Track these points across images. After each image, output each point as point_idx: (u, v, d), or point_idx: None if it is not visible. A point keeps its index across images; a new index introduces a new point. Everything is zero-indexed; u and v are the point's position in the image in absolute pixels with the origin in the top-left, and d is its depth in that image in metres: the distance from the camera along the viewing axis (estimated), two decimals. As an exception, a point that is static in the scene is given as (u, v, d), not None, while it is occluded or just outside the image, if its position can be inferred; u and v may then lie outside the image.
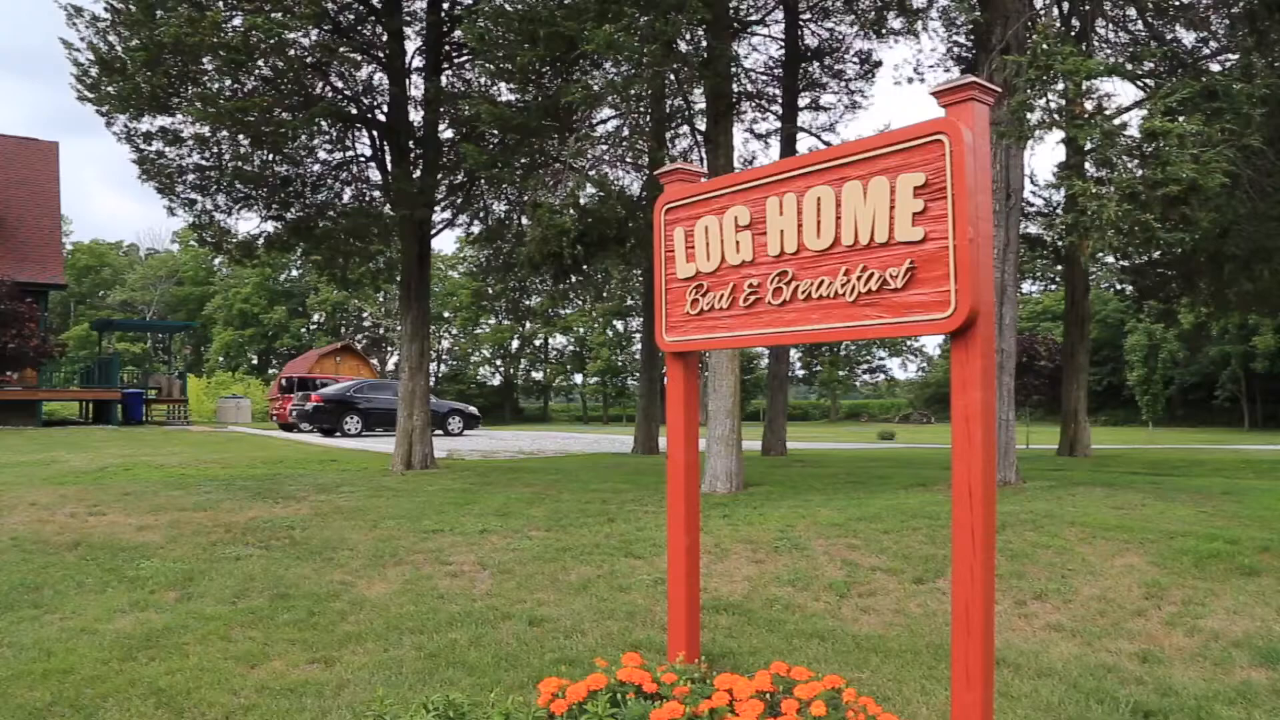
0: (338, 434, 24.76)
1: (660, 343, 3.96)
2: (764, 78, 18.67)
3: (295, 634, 4.92)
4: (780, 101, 17.98)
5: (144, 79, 11.17)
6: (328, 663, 4.48)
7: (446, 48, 12.90)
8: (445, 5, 12.53)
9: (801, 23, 17.72)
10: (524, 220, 12.00)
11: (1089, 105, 8.09)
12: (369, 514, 8.86)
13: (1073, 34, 10.93)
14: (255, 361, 71.22)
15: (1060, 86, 7.79)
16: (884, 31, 9.10)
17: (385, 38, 12.63)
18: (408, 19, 12.73)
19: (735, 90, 13.67)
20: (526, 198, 8.88)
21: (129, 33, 11.28)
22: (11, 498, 10.32)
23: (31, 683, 4.21)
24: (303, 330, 70.23)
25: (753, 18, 16.59)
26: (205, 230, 12.88)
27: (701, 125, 16.91)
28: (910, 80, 17.93)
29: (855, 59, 19.01)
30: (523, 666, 4.37)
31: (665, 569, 6.13)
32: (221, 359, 68.19)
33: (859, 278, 3.20)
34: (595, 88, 8.43)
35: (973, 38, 13.84)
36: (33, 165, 31.74)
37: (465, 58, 13.18)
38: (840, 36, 18.61)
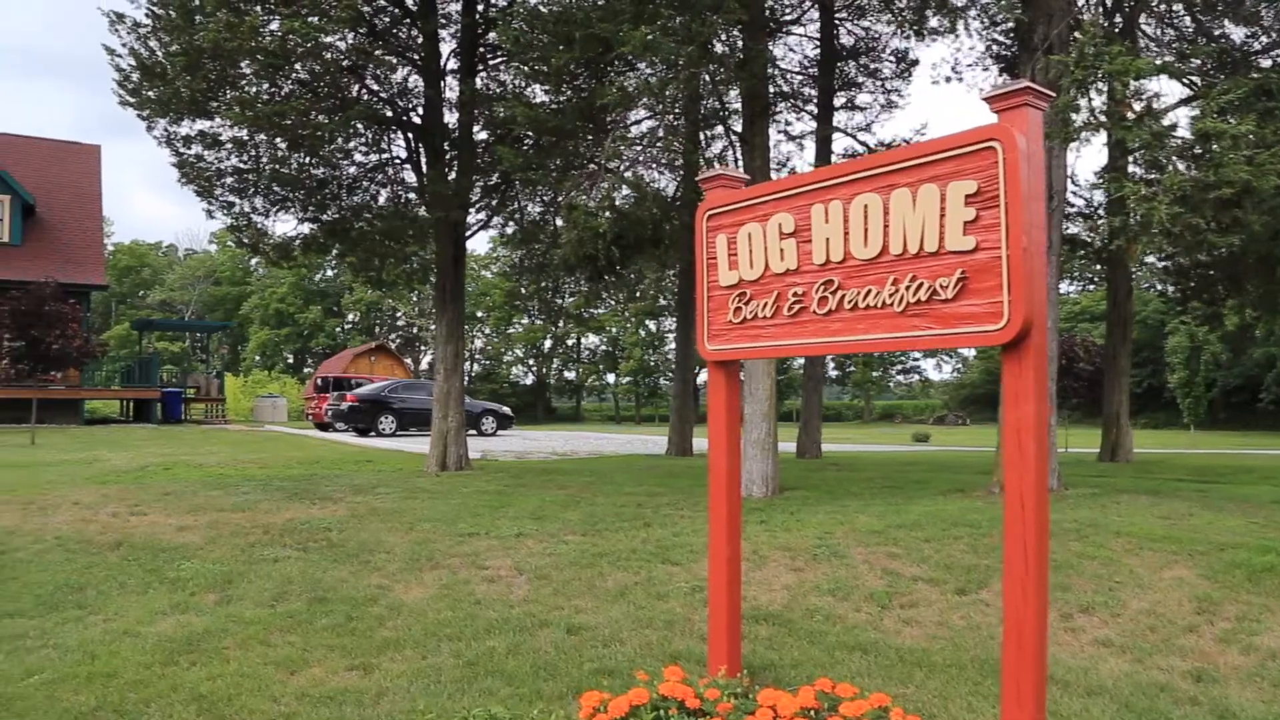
0: (372, 433, 24.93)
1: (702, 351, 3.91)
2: (799, 78, 18.55)
3: (334, 639, 4.92)
4: (815, 101, 17.85)
5: (184, 84, 11.29)
6: (366, 670, 4.47)
7: (481, 50, 12.91)
8: (480, 7, 12.54)
9: (837, 21, 17.58)
10: (559, 221, 11.98)
11: (1136, 105, 7.93)
12: (405, 516, 8.88)
13: (1117, 31, 10.73)
14: (291, 360, 71.99)
15: (1106, 87, 7.64)
16: (924, 31, 8.98)
17: (420, 40, 12.67)
18: (443, 21, 12.76)
19: (771, 91, 13.57)
20: (562, 199, 8.84)
21: (169, 38, 11.40)
22: (56, 497, 10.47)
23: (77, 686, 4.24)
24: (337, 330, 70.88)
25: (788, 17, 16.47)
26: (243, 232, 12.99)
27: (736, 125, 16.85)
28: (948, 79, 17.64)
29: (891, 58, 18.85)
30: (561, 676, 4.33)
31: (703, 576, 6.09)
32: (258, 358, 68.99)
33: (908, 287, 3.13)
34: (631, 89, 8.39)
35: (1013, 36, 13.66)
36: (75, 168, 32.26)
37: (500, 59, 13.20)
38: (876, 35, 18.46)
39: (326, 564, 6.85)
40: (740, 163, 10.47)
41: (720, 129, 15.52)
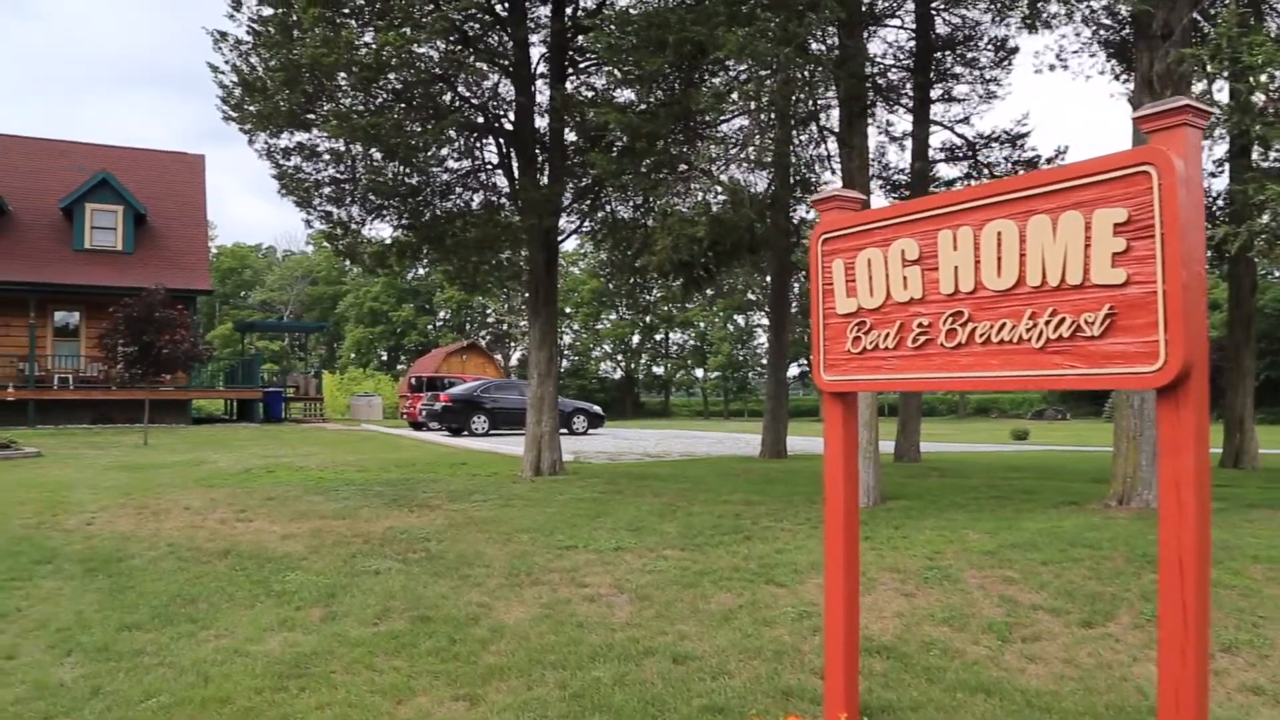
0: (465, 433, 25.27)
1: (819, 381, 3.73)
2: (893, 71, 18.05)
3: (438, 664, 4.89)
4: (911, 95, 17.34)
5: (282, 98, 11.52)
6: (472, 701, 4.42)
7: (570, 53, 12.87)
8: (569, 11, 12.49)
9: (934, 11, 17.04)
10: (649, 223, 11.86)
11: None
12: (502, 525, 8.88)
13: (1248, 16, 10.08)
14: (385, 357, 73.73)
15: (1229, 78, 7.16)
16: (1036, 24, 8.56)
17: (511, 46, 12.69)
18: (532, 26, 12.77)
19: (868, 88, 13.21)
20: (655, 205, 8.72)
21: (269, 53, 11.65)
22: (168, 501, 10.81)
23: (192, 712, 4.29)
24: (429, 327, 72.32)
25: (884, 8, 16.03)
26: (339, 240, 13.22)
27: (824, 119, 16.48)
28: (1052, 68, 16.90)
29: (990, 46, 18.20)
30: (670, 712, 4.21)
31: (810, 600, 5.91)
32: (353, 355, 70.85)
33: (1047, 322, 2.91)
34: (725, 92, 8.20)
35: (1125, 21, 13.01)
36: (181, 177, 33.51)
37: (589, 62, 13.14)
38: (975, 23, 17.85)
39: (427, 578, 6.86)
40: (837, 164, 10.17)
41: (813, 126, 15.24)
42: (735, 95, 8.55)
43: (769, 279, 20.14)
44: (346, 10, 11.43)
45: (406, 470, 14.53)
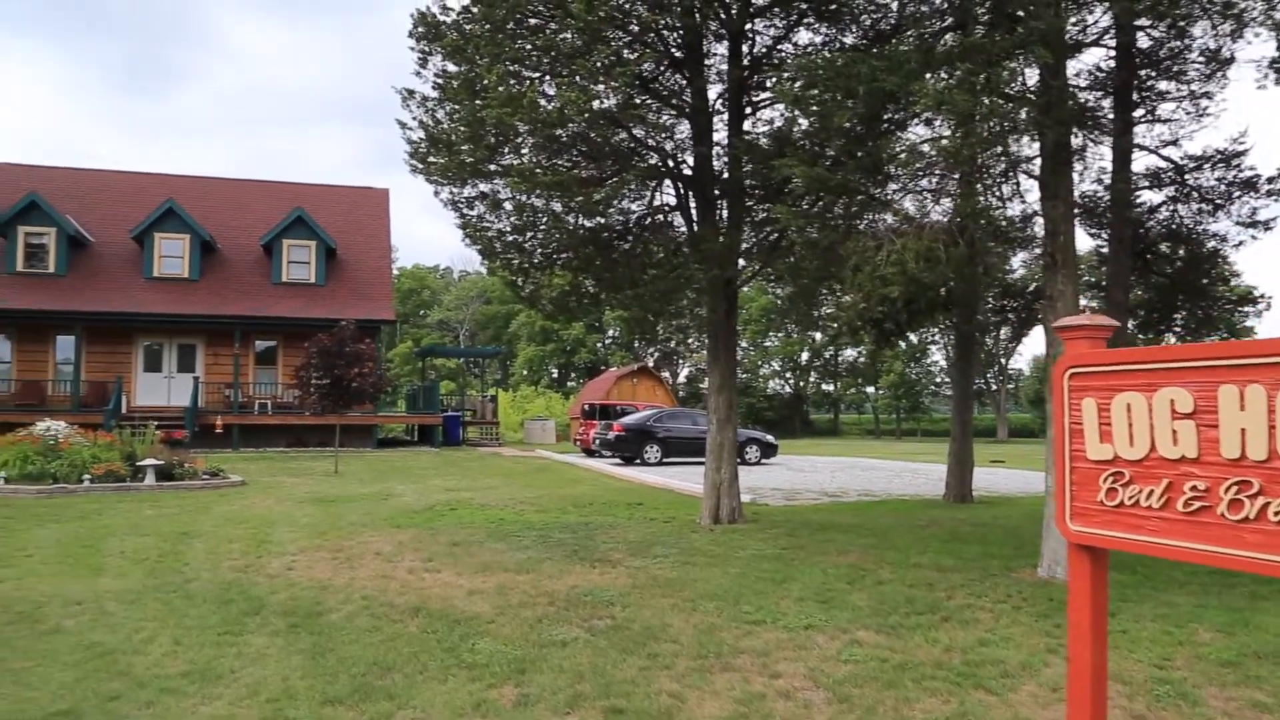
0: (637, 461, 25.43)
1: (1063, 530, 3.37)
2: (1087, 92, 16.91)
3: (636, 777, 4.76)
4: (1109, 119, 16.20)
5: (466, 151, 11.86)
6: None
7: (750, 97, 12.69)
8: (745, 60, 12.31)
9: (1137, 26, 15.86)
10: (834, 269, 11.49)
11: None
12: (685, 590, 8.75)
13: None
14: (555, 374, 75.53)
15: None
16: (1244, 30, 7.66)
17: (687, 90, 12.62)
18: (708, 69, 12.66)
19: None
20: (850, 260, 8.39)
21: (455, 108, 12.02)
22: (359, 544, 11.28)
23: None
24: (598, 345, 73.57)
25: (1081, 36, 15.04)
26: (521, 288, 13.48)
27: (1026, 166, 15.52)
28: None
29: (1200, 58, 16.79)
30: None
31: (1025, 717, 5.45)
32: (525, 372, 72.94)
33: (1368, 509, 2.49)
34: (924, 149, 7.80)
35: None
36: (367, 211, 35.40)
37: (768, 100, 12.91)
38: (1182, 34, 16.50)
39: (615, 654, 6.78)
40: (1040, 212, 9.55)
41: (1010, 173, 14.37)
42: (929, 148, 8.13)
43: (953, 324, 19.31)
44: (528, 62, 11.66)
45: (584, 511, 14.66)
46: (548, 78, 11.98)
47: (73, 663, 6.31)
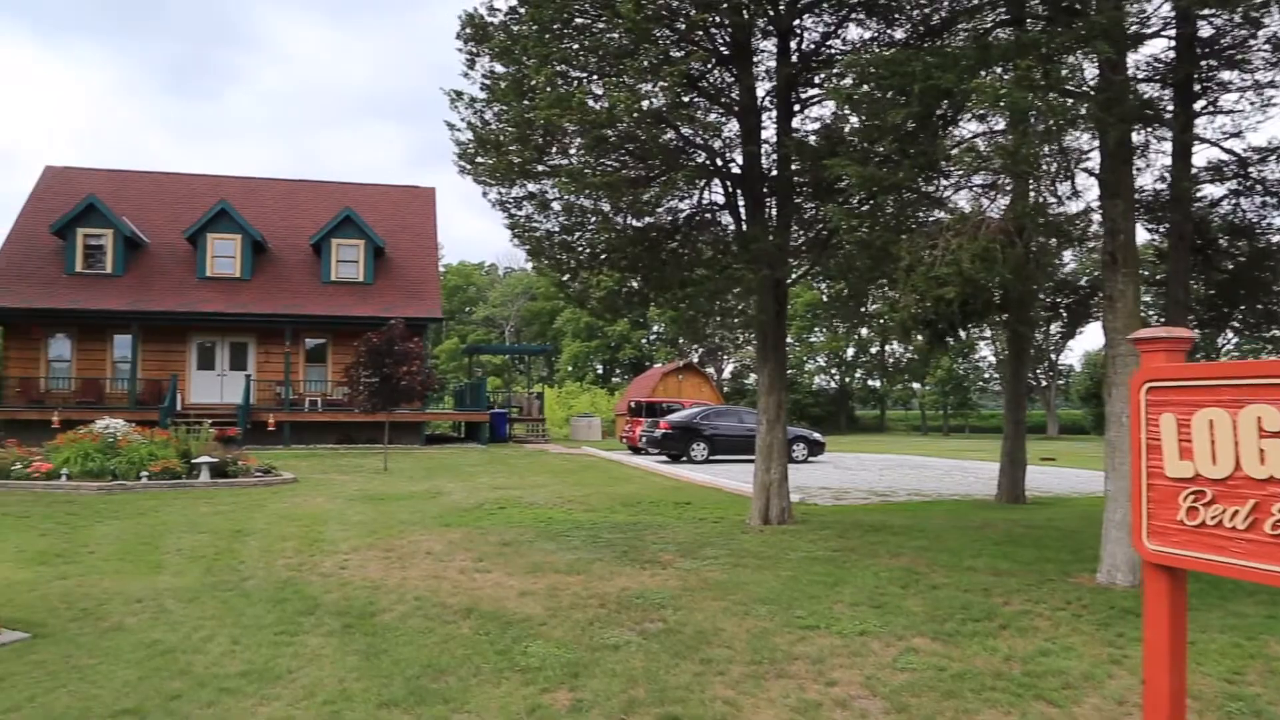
0: (684, 459, 25.38)
1: (1139, 548, 3.28)
2: (1146, 84, 16.50)
3: (693, 788, 4.72)
4: (1172, 110, 15.79)
5: (514, 152, 11.88)
6: (735, 845, 4.21)
7: (799, 94, 12.56)
8: (795, 55, 12.18)
9: (1197, 15, 15.44)
10: (886, 269, 11.32)
11: None
12: (736, 593, 8.69)
13: None
14: (600, 371, 75.67)
15: None
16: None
17: (735, 87, 12.52)
18: (756, 66, 12.55)
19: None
20: (903, 259, 8.26)
21: (503, 108, 12.04)
22: (410, 543, 11.36)
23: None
24: (643, 341, 73.59)
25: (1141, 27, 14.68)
26: (569, 287, 13.49)
27: (1085, 161, 15.18)
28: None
29: (1266, 45, 16.30)
30: None
31: (1093, 730, 5.33)
32: (570, 368, 73.18)
33: None
34: (980, 148, 7.65)
35: None
36: (414, 210, 35.71)
37: (817, 97, 12.77)
38: (1247, 20, 16.02)
39: (667, 658, 6.74)
40: (1100, 209, 9.33)
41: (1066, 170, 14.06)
42: (983, 145, 7.98)
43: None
44: (576, 63, 11.64)
45: (633, 510, 14.65)
46: (595, 77, 11.96)
47: (135, 661, 6.41)
